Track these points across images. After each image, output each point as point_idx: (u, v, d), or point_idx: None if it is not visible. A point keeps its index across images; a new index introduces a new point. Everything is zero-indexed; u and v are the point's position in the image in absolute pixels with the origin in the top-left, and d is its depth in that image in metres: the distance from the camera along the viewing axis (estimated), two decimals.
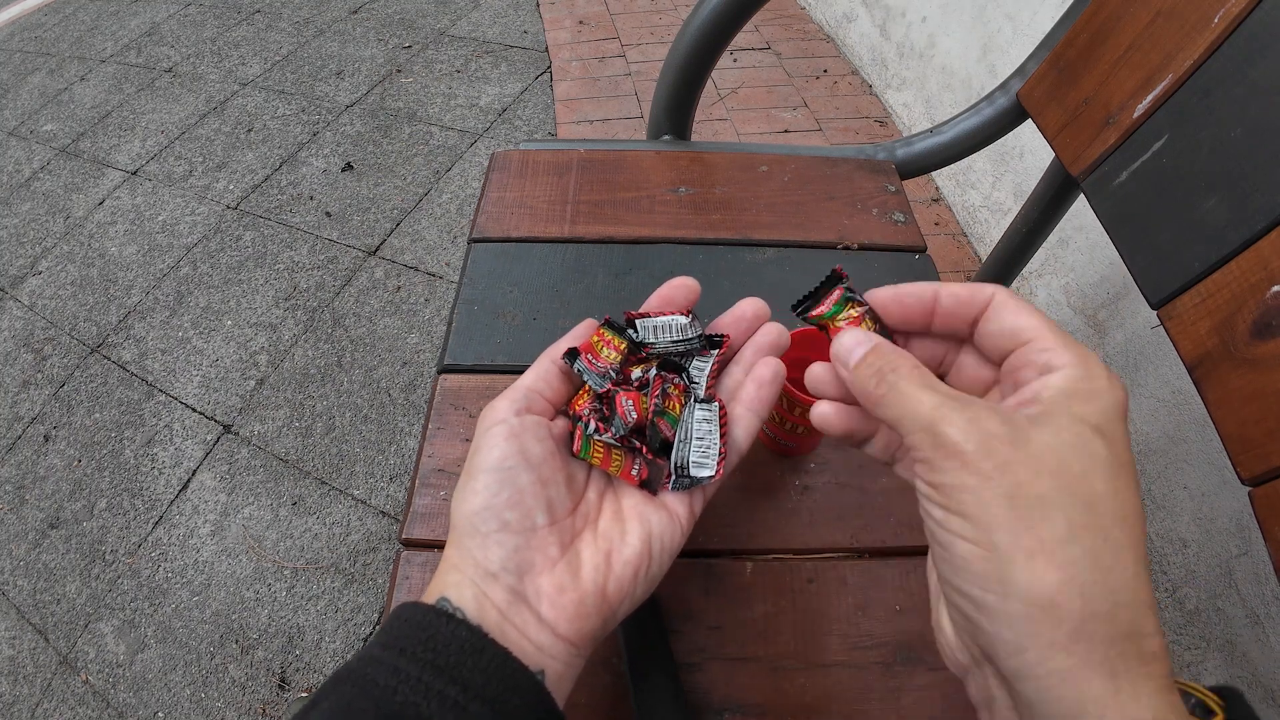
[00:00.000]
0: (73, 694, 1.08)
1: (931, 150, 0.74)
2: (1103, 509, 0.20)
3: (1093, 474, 0.21)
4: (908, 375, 0.24)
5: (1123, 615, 0.19)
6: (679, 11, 2.40)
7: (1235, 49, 0.45)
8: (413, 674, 0.24)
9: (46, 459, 1.36)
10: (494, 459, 0.29)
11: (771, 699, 0.40)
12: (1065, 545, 0.20)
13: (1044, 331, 0.24)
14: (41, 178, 2.00)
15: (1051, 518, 0.20)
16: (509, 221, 0.65)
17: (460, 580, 0.27)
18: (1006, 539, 0.20)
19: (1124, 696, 0.19)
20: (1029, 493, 0.20)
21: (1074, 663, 0.19)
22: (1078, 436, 0.21)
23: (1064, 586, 0.19)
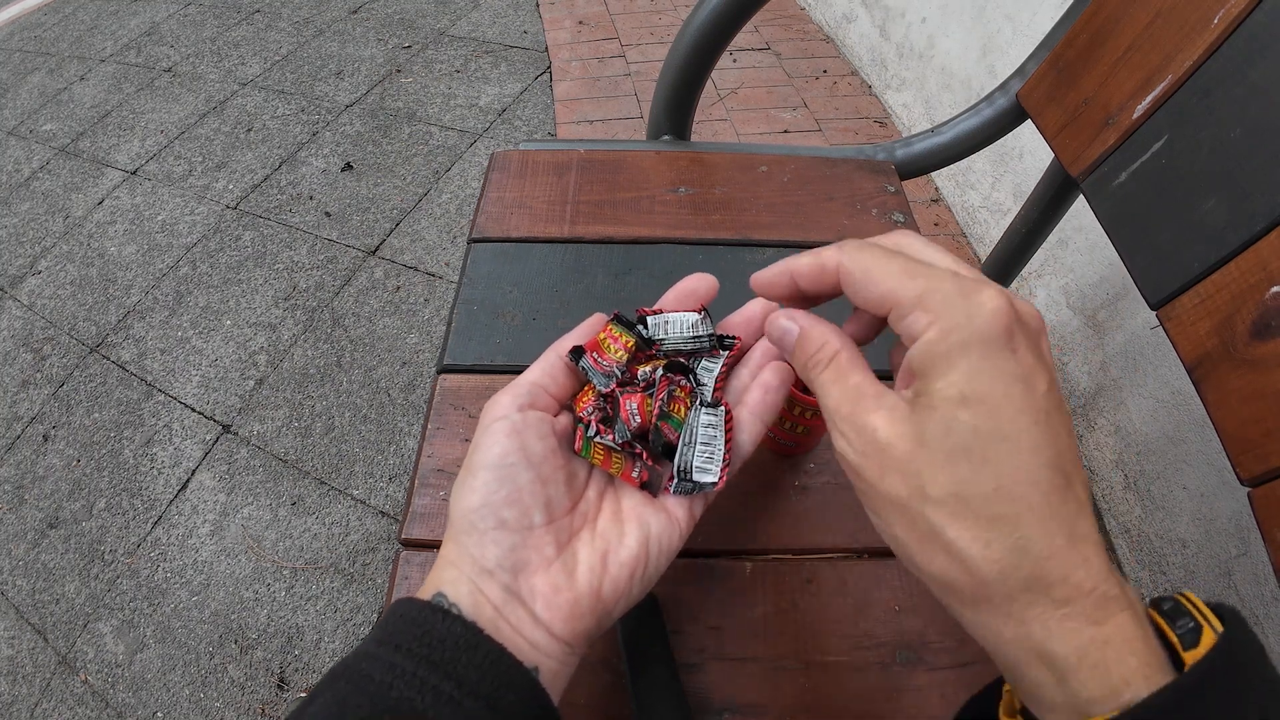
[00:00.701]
0: (72, 694, 1.08)
1: (931, 151, 0.74)
2: (974, 489, 0.21)
3: (958, 457, 0.22)
4: (826, 372, 0.26)
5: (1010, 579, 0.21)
6: (679, 11, 2.40)
7: (1235, 50, 0.45)
8: (408, 669, 0.24)
9: (45, 459, 1.36)
10: (494, 456, 0.28)
11: (771, 699, 0.40)
12: (937, 536, 0.22)
13: (897, 293, 0.23)
14: (41, 177, 2.00)
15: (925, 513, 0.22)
16: (509, 221, 0.65)
17: (456, 576, 0.27)
18: (902, 534, 0.23)
19: (1035, 636, 0.21)
20: (903, 495, 0.23)
21: (983, 616, 0.22)
22: (941, 422, 0.22)
23: (948, 568, 0.22)
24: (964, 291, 0.22)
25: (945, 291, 0.22)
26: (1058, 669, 0.20)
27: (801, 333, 0.28)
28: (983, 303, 0.22)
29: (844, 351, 0.26)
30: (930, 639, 0.42)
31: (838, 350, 0.26)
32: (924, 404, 0.22)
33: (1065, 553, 0.21)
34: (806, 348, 0.27)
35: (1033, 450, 0.21)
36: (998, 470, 0.21)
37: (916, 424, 0.23)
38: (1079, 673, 0.20)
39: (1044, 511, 0.21)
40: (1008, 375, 0.22)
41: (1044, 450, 0.21)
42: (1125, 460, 1.07)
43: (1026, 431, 0.21)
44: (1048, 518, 0.21)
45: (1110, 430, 1.10)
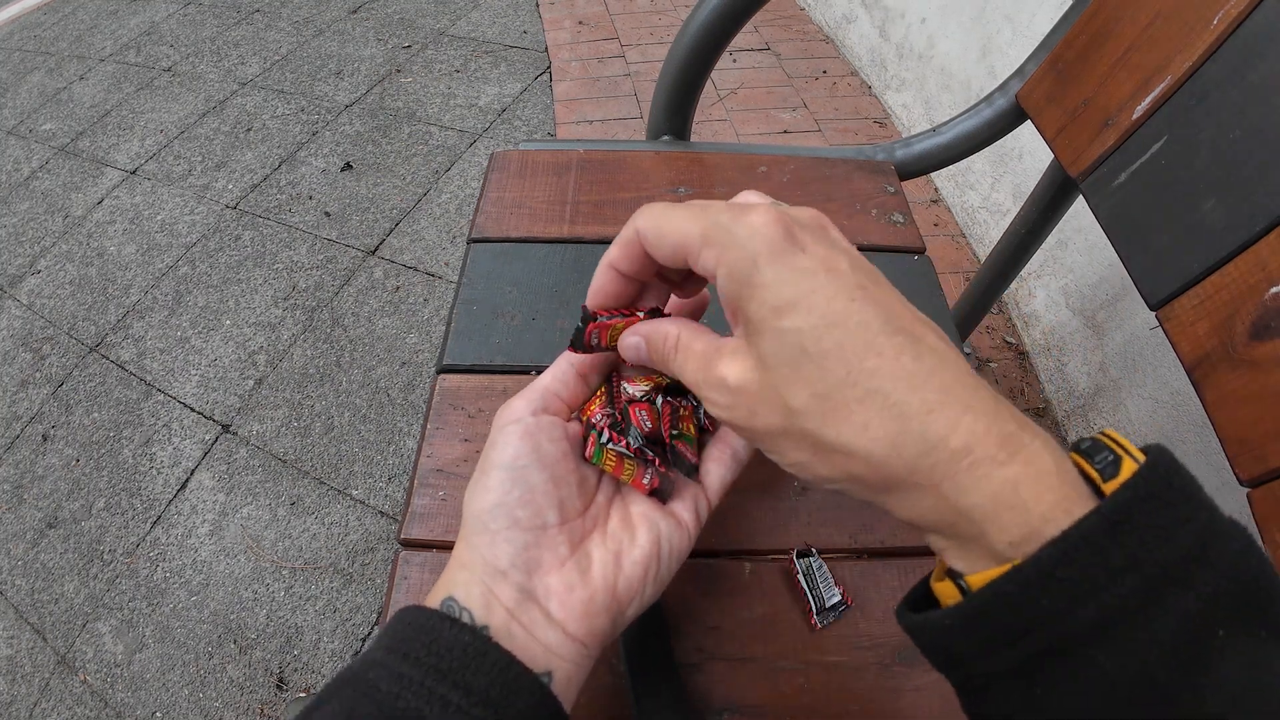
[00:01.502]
0: (71, 693, 1.08)
1: (931, 151, 0.74)
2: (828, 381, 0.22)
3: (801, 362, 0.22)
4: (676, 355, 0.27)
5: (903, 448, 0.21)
6: (679, 12, 2.40)
7: (1234, 51, 0.45)
8: (415, 679, 0.24)
9: (45, 458, 1.36)
10: (508, 456, 0.29)
11: (770, 699, 0.40)
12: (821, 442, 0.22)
13: (687, 242, 0.25)
14: (40, 177, 1.99)
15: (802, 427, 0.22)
16: (508, 222, 0.65)
17: (469, 579, 0.27)
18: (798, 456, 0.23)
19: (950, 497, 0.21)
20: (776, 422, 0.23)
21: (896, 496, 0.22)
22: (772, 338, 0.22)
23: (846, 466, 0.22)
24: (735, 217, 0.24)
25: (721, 222, 0.24)
26: (977, 521, 0.20)
27: (646, 339, 0.29)
28: (751, 221, 0.23)
29: (683, 332, 0.27)
30: None
31: (677, 333, 0.27)
32: (752, 331, 0.23)
33: (944, 405, 0.21)
34: (655, 348, 0.28)
35: (861, 325, 0.22)
36: (839, 356, 0.21)
37: (755, 353, 0.23)
38: (999, 519, 0.20)
39: (901, 375, 0.21)
40: (806, 272, 0.22)
41: (872, 321, 0.22)
42: None
43: (848, 311, 0.22)
44: (908, 379, 0.21)
45: None
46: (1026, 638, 0.19)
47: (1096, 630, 0.18)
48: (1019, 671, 0.20)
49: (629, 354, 0.30)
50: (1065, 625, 0.19)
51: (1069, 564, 0.18)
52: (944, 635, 0.22)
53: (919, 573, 0.44)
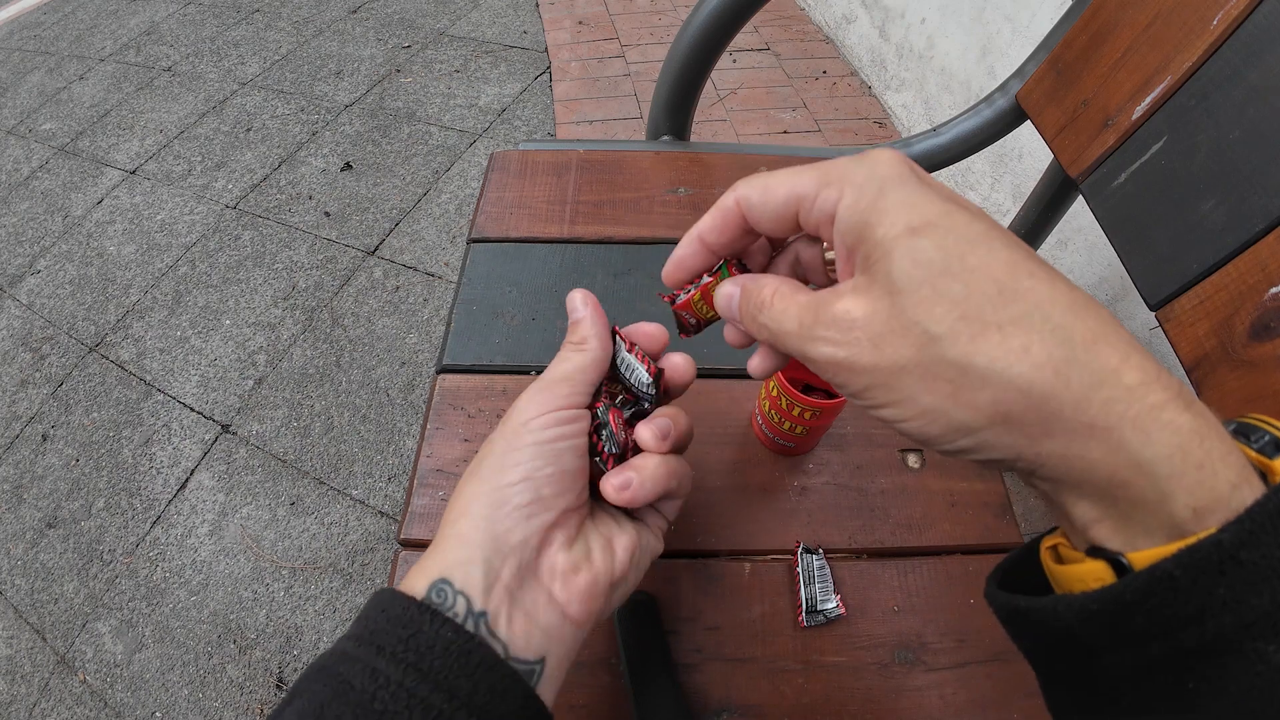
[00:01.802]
0: (70, 693, 1.08)
1: (930, 152, 0.74)
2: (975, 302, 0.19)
3: (941, 281, 0.19)
4: (770, 309, 0.24)
5: (1072, 377, 0.18)
6: (678, 12, 2.40)
7: (1234, 51, 0.45)
8: (393, 678, 0.22)
9: (44, 458, 1.36)
10: (547, 436, 0.28)
11: (769, 699, 0.40)
12: (967, 372, 0.19)
13: (799, 188, 0.23)
14: (40, 176, 1.99)
15: (939, 359, 0.19)
16: (508, 222, 0.65)
17: (469, 557, 0.26)
18: (929, 399, 0.20)
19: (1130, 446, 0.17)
20: (908, 356, 0.20)
21: (1060, 441, 0.18)
22: (904, 258, 0.20)
23: (998, 399, 0.18)
24: (855, 158, 0.22)
25: (840, 164, 0.22)
26: (1160, 479, 0.17)
27: (743, 289, 0.27)
28: (877, 156, 0.22)
29: (782, 285, 0.25)
30: (928, 639, 0.42)
31: (775, 286, 0.25)
32: (880, 256, 0.20)
33: (1109, 336, 0.18)
34: (749, 299, 0.26)
35: (1007, 247, 0.19)
36: (988, 273, 0.19)
37: (884, 279, 0.20)
38: (1185, 478, 0.17)
39: (1059, 299, 0.18)
40: (939, 198, 0.20)
41: (1017, 247, 0.19)
42: None
43: (989, 233, 0.19)
44: (1068, 303, 0.18)
45: None
46: (1190, 628, 0.16)
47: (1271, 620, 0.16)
48: (1166, 668, 0.17)
49: (721, 303, 0.28)
50: (1238, 615, 0.16)
51: (1256, 544, 0.16)
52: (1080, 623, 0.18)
53: (918, 573, 0.44)
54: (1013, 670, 0.41)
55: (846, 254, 0.22)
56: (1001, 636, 0.42)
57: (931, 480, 0.48)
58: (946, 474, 0.48)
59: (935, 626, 0.42)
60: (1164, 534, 0.17)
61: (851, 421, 0.50)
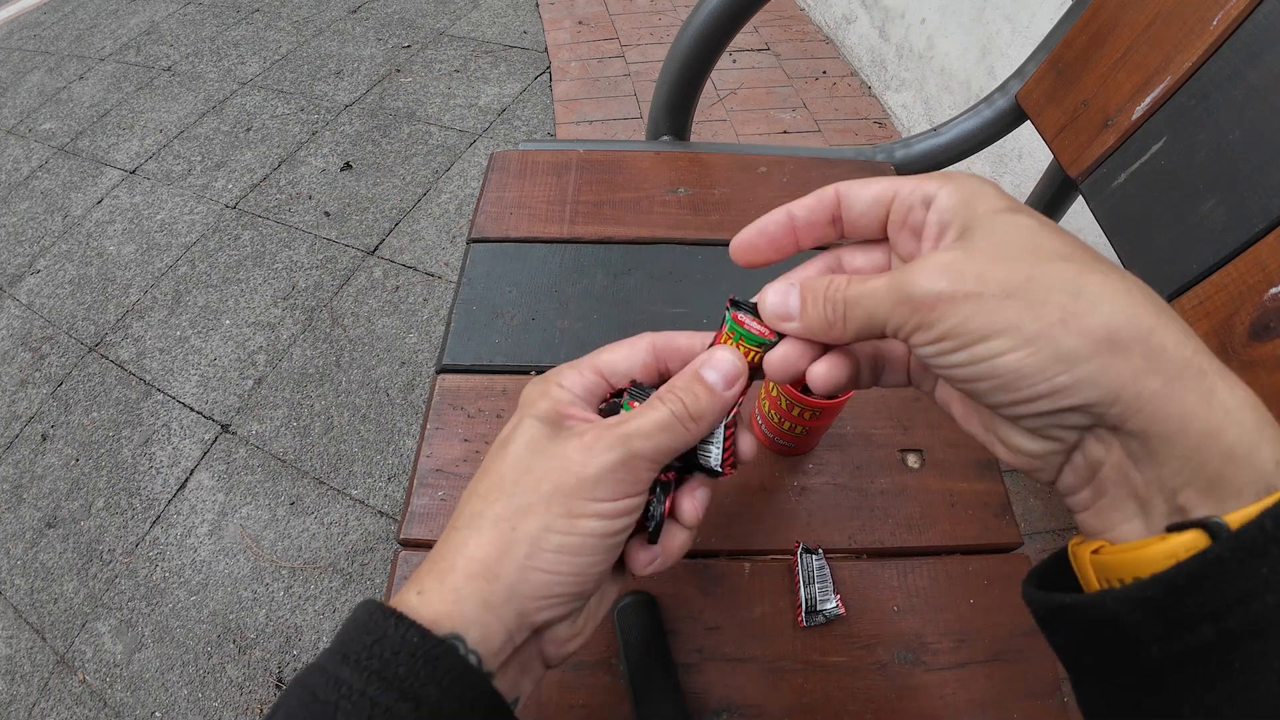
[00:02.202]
0: (70, 693, 1.08)
1: (930, 152, 0.74)
2: (1073, 255, 0.20)
3: (1040, 237, 0.21)
4: (852, 284, 0.24)
5: (1166, 322, 0.19)
6: (678, 12, 2.40)
7: (1233, 52, 0.45)
8: (356, 686, 0.21)
9: (44, 458, 1.36)
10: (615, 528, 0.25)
11: (769, 699, 0.40)
12: (1079, 295, 0.19)
13: (898, 182, 0.25)
14: (40, 176, 1.99)
15: (1051, 285, 0.20)
16: (508, 222, 0.65)
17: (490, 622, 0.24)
18: (1036, 325, 0.19)
19: (1220, 393, 0.18)
20: (1017, 281, 0.20)
21: (1163, 378, 0.18)
22: (1006, 222, 0.21)
23: (1109, 322, 0.19)
24: (951, 171, 0.24)
25: (939, 173, 0.24)
26: (1247, 428, 0.18)
27: (803, 284, 0.26)
28: (973, 175, 0.24)
29: (853, 275, 0.25)
30: (928, 639, 0.42)
31: (846, 277, 0.25)
32: (978, 225, 0.22)
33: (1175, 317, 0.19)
34: (816, 288, 0.25)
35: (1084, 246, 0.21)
36: (1074, 244, 0.21)
37: (987, 235, 0.21)
38: (1264, 429, 0.18)
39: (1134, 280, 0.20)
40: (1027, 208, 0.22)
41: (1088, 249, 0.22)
42: None
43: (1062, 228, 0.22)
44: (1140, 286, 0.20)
45: None
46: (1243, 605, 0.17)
47: None
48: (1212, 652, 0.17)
49: (772, 305, 0.26)
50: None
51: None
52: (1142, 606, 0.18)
53: (918, 573, 0.44)
54: (1013, 670, 0.41)
55: (938, 231, 0.23)
56: (1001, 636, 0.42)
57: (931, 480, 0.48)
58: (946, 474, 0.48)
59: (935, 626, 0.42)
60: (1254, 491, 0.17)
61: (851, 421, 0.50)
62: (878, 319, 0.23)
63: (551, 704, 0.39)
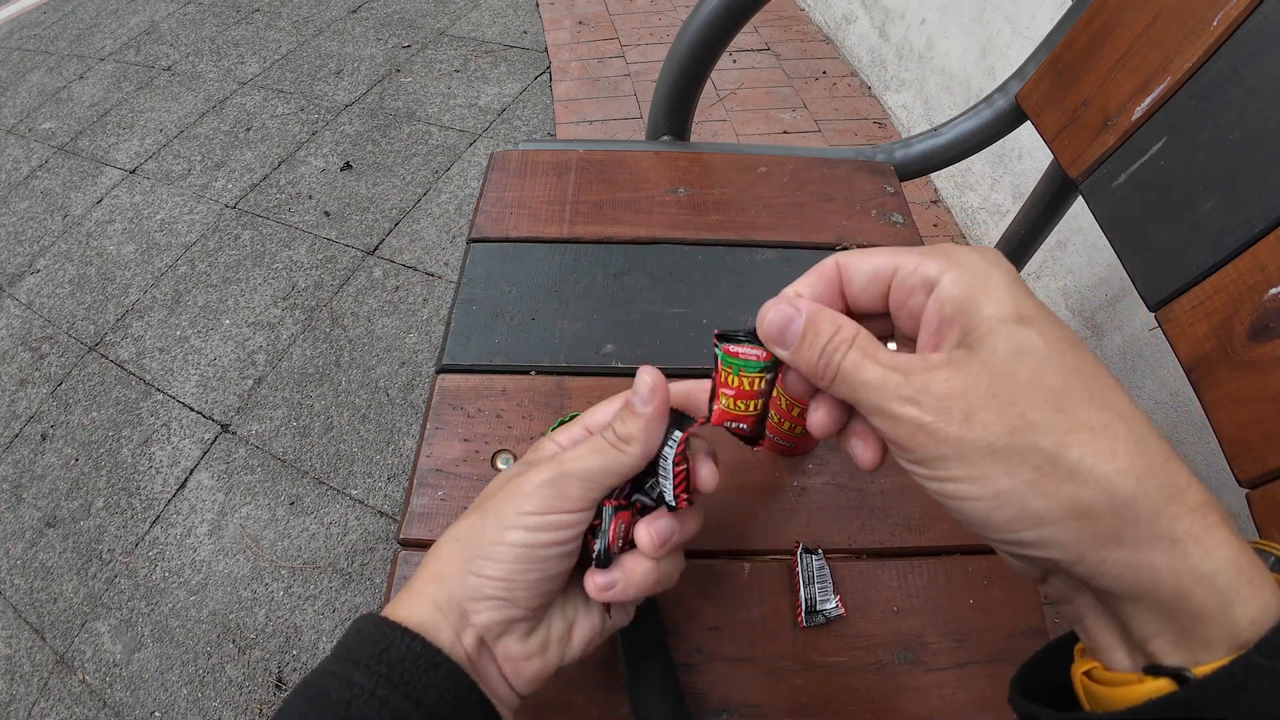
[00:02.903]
0: (69, 693, 1.08)
1: (930, 152, 0.74)
2: (1071, 399, 0.19)
3: (1042, 370, 0.20)
4: (850, 353, 0.23)
5: (1149, 487, 0.18)
6: (678, 12, 2.40)
7: (1234, 52, 0.45)
8: (366, 687, 0.24)
9: (44, 457, 1.36)
10: (540, 540, 0.27)
11: (769, 700, 0.40)
12: (1056, 462, 0.19)
13: (898, 258, 0.24)
14: (40, 176, 1.99)
15: (1032, 445, 0.19)
16: (508, 222, 0.65)
17: (439, 623, 0.27)
18: (1007, 483, 0.19)
19: (1192, 558, 0.18)
20: (999, 434, 0.19)
21: (1129, 549, 0.18)
22: (1009, 341, 0.20)
23: (1079, 495, 0.19)
24: (958, 246, 0.23)
25: (944, 247, 0.23)
26: (1220, 591, 0.18)
27: (809, 319, 0.24)
28: (980, 249, 0.22)
29: (862, 333, 0.23)
30: (928, 639, 0.42)
31: (856, 331, 0.23)
32: (981, 333, 0.21)
33: (1174, 459, 0.19)
34: (820, 332, 0.24)
35: (1091, 356, 0.20)
36: (1083, 378, 0.20)
37: (987, 357, 0.20)
38: (1240, 590, 0.18)
39: (1138, 417, 0.19)
40: (1032, 296, 0.21)
41: (1097, 359, 0.21)
42: None
43: (1076, 340, 0.21)
44: (1144, 423, 0.19)
45: None
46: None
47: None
48: None
49: (770, 326, 0.25)
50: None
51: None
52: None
53: (918, 573, 0.44)
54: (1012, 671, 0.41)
55: (938, 325, 0.22)
56: (1001, 636, 0.42)
57: None
58: None
59: (935, 627, 0.42)
60: (1225, 646, 0.18)
61: None
62: (861, 406, 0.23)
63: (551, 704, 0.39)
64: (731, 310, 0.57)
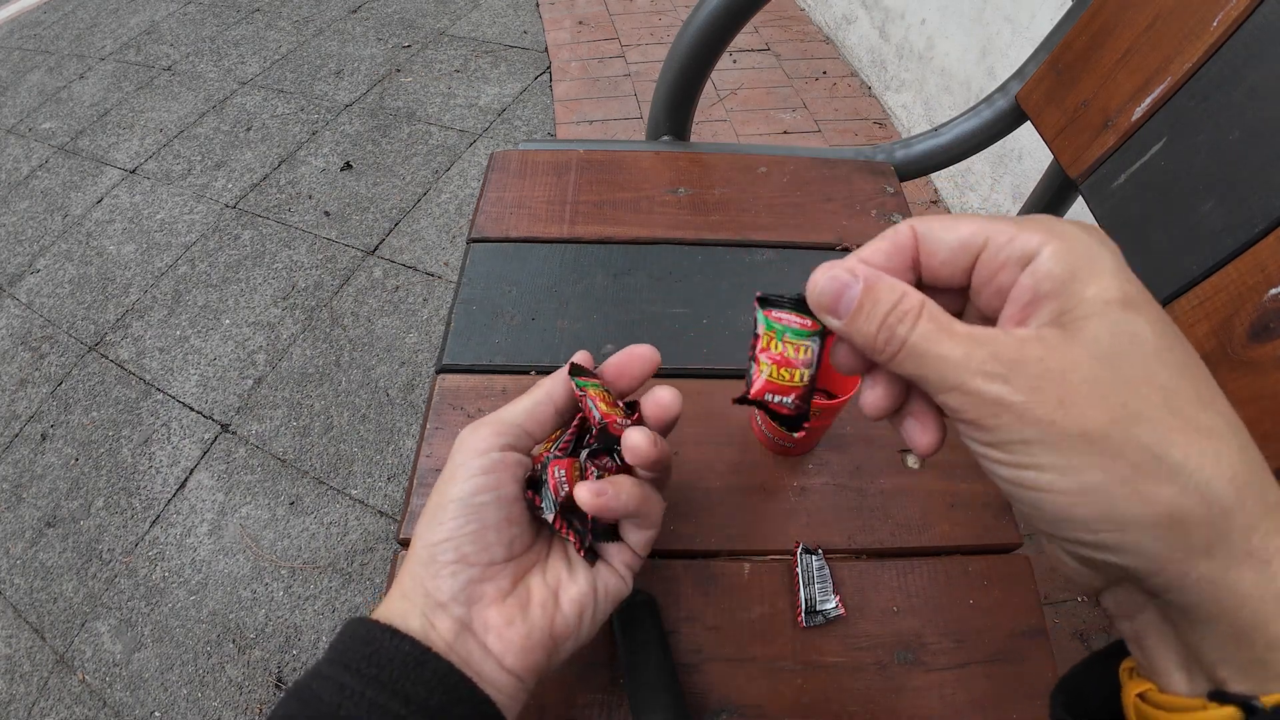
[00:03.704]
0: (69, 693, 1.08)
1: (930, 152, 0.74)
2: (1179, 397, 0.18)
3: (1150, 362, 0.18)
4: (920, 324, 0.20)
5: (1249, 500, 0.17)
6: (679, 12, 2.40)
7: (1234, 52, 0.45)
8: (356, 689, 0.24)
9: (44, 457, 1.36)
10: (466, 491, 0.29)
11: (769, 700, 0.40)
12: (1159, 461, 0.17)
13: (991, 227, 0.21)
14: (40, 175, 1.99)
15: (1134, 439, 0.17)
16: (508, 222, 0.65)
17: (407, 609, 0.28)
18: (1099, 477, 0.18)
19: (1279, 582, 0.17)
20: (1099, 423, 0.18)
21: (1218, 564, 0.17)
22: (1115, 327, 0.18)
23: (1178, 500, 0.17)
24: (1058, 220, 0.20)
25: (1043, 219, 0.20)
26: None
27: (867, 284, 0.21)
28: (1084, 224, 0.20)
29: (929, 303, 0.21)
30: (928, 640, 0.42)
31: (924, 299, 0.21)
32: (1081, 313, 0.19)
33: (1269, 471, 0.18)
34: (880, 300, 0.21)
35: (1199, 360, 0.19)
36: (1192, 377, 0.18)
37: (1086, 338, 0.18)
38: None
39: (1239, 422, 0.18)
40: (1141, 286, 0.19)
41: (1202, 363, 0.19)
42: None
43: (1181, 336, 0.19)
44: (1244, 429, 0.18)
45: None
46: None
47: None
48: None
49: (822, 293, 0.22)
50: None
51: None
52: None
53: (918, 574, 0.44)
54: (1012, 671, 0.41)
55: (1030, 300, 0.20)
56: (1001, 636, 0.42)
57: (931, 481, 0.48)
58: (946, 475, 0.48)
59: (935, 627, 0.42)
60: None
61: (851, 422, 0.51)
62: (929, 383, 0.20)
63: (550, 704, 0.39)
64: (731, 310, 0.57)
